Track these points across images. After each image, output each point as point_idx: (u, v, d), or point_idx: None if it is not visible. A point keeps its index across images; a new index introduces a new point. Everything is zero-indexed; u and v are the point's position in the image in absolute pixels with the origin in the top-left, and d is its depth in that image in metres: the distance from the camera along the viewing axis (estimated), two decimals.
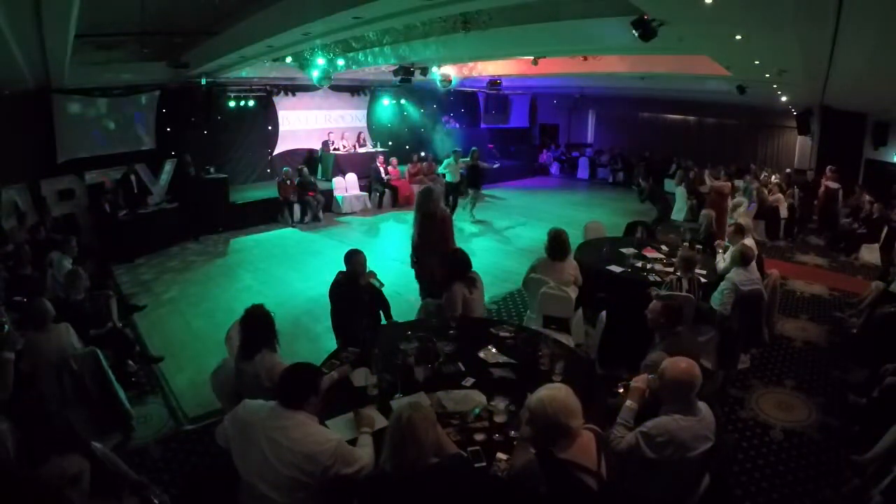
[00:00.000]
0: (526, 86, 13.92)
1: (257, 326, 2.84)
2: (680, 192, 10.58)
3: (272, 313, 2.92)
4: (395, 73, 9.18)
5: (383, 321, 4.12)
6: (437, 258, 4.57)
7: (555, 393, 1.99)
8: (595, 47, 7.39)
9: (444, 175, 10.35)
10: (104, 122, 8.79)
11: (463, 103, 14.98)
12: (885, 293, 5.36)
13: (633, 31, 4.43)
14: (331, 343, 3.91)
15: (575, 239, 5.17)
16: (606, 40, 5.98)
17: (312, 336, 5.12)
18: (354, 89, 12.25)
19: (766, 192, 9.30)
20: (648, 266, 5.19)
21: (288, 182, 9.95)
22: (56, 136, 8.04)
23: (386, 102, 13.08)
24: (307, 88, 10.85)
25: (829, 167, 9.88)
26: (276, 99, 11.19)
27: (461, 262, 3.93)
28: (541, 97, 16.57)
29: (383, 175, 11.44)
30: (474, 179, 10.25)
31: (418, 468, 1.89)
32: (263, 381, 2.70)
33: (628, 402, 2.50)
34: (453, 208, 9.66)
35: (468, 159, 10.32)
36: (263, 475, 2.09)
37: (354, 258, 3.95)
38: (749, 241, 5.01)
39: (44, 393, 3.40)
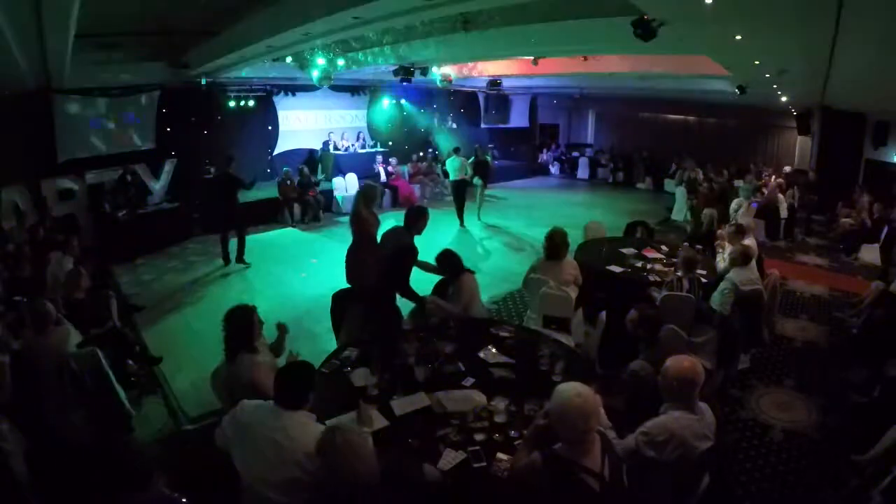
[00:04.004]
0: (526, 86, 13.91)
1: (233, 329, 2.79)
2: (680, 192, 10.58)
3: (252, 314, 2.84)
4: (395, 73, 9.17)
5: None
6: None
7: (582, 391, 1.96)
8: (595, 47, 7.39)
9: (446, 175, 10.31)
10: (104, 122, 8.78)
11: (463, 103, 14.98)
12: (885, 293, 5.36)
13: (633, 31, 4.43)
14: (331, 343, 3.92)
15: (575, 239, 5.17)
16: (606, 40, 5.97)
17: (312, 336, 5.12)
18: (354, 89, 12.24)
19: (765, 191, 9.31)
20: (648, 266, 5.20)
21: (288, 182, 9.97)
22: (56, 136, 8.03)
23: (386, 102, 13.07)
24: (307, 88, 10.84)
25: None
26: (276, 99, 11.19)
27: (458, 260, 3.97)
28: (541, 97, 16.57)
29: (382, 176, 11.47)
30: (483, 175, 10.28)
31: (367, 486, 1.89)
32: (245, 384, 2.67)
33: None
34: (460, 208, 9.66)
35: (472, 158, 10.37)
36: (264, 476, 2.09)
37: None
38: (749, 241, 5.01)
39: (43, 394, 3.41)
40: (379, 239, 4.49)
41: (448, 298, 3.94)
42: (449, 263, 3.98)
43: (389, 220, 4.80)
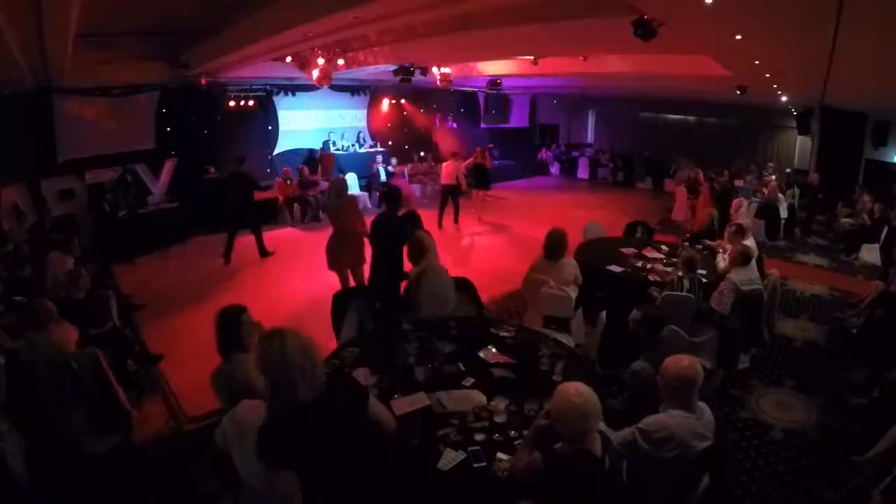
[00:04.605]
0: (526, 86, 13.90)
1: (222, 329, 2.80)
2: (680, 192, 10.58)
3: (240, 314, 2.83)
4: (395, 72, 9.16)
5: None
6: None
7: (582, 391, 1.96)
8: (595, 47, 7.38)
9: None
10: (104, 122, 8.78)
11: (463, 103, 14.96)
12: (885, 293, 5.36)
13: (633, 31, 4.43)
14: (330, 343, 3.91)
15: (575, 239, 5.16)
16: (606, 40, 5.97)
17: (312, 335, 5.11)
18: (354, 89, 12.23)
19: (766, 191, 9.31)
20: (648, 266, 5.20)
21: (288, 182, 9.96)
22: (56, 136, 8.03)
23: (386, 102, 13.07)
24: (307, 88, 10.82)
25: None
26: (276, 99, 11.18)
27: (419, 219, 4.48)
28: (541, 97, 16.56)
29: (383, 176, 11.46)
30: (480, 179, 10.31)
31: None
32: (241, 383, 2.66)
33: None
34: (456, 211, 9.68)
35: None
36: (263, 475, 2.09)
37: None
38: (749, 241, 5.01)
39: (43, 394, 3.41)
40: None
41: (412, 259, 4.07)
42: (411, 221, 4.39)
43: None
